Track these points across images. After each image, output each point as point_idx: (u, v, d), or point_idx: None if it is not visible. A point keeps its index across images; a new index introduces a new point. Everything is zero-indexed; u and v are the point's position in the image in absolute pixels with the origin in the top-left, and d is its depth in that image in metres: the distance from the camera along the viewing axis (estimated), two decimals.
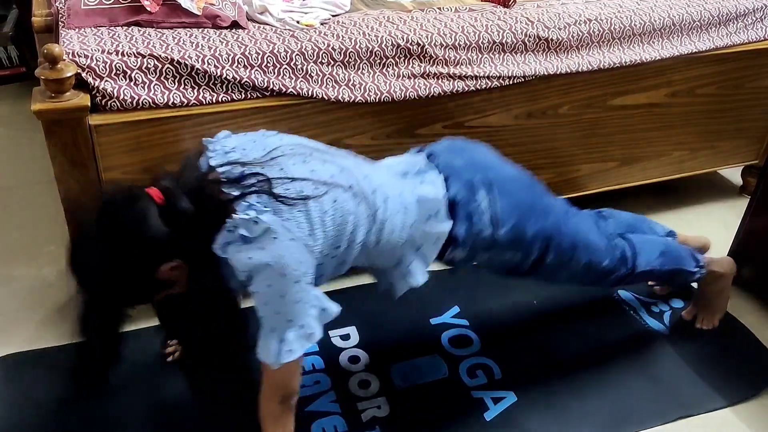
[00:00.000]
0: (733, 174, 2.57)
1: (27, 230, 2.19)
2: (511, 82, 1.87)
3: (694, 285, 1.92)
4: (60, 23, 1.69)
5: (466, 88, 1.83)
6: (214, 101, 1.64)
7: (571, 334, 1.86)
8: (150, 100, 1.58)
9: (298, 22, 1.78)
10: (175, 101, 1.60)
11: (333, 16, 1.85)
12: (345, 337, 1.81)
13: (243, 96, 1.66)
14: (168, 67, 1.58)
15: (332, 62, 1.71)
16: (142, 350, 1.73)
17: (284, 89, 1.67)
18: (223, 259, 1.21)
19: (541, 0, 2.04)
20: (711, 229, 2.28)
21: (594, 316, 1.92)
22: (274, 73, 1.67)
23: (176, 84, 1.60)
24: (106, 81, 1.55)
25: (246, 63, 1.64)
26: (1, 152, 2.57)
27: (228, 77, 1.62)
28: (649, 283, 2.04)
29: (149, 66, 1.57)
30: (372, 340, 1.81)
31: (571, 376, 1.73)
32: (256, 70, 1.65)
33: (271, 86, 1.66)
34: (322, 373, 1.71)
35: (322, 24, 1.79)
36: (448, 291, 1.98)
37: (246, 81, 1.64)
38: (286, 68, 1.67)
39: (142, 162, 1.61)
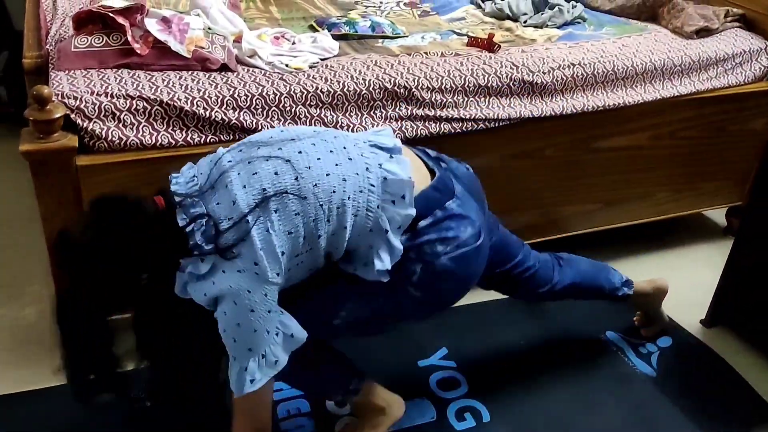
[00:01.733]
0: (718, 215, 2.59)
1: (10, 269, 2.16)
2: (496, 125, 1.89)
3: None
4: (50, 65, 1.70)
5: (453, 131, 1.85)
6: (202, 142, 1.65)
7: (559, 375, 1.85)
8: (138, 141, 1.59)
9: (287, 65, 1.80)
10: (163, 142, 1.61)
11: (321, 60, 1.88)
12: None
13: (231, 137, 1.67)
14: (157, 109, 1.60)
15: (320, 104, 1.73)
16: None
17: None
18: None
19: (526, 45, 2.09)
20: (697, 269, 2.30)
21: (582, 358, 1.91)
22: (263, 115, 1.68)
23: (165, 125, 1.61)
24: (95, 122, 1.56)
25: (235, 105, 1.65)
26: None
27: (217, 119, 1.64)
28: (635, 322, 2.04)
29: (138, 107, 1.58)
30: None
31: (560, 418, 1.72)
32: (245, 112, 1.66)
33: (260, 128, 1.67)
34: (306, 417, 1.68)
35: (310, 67, 1.82)
36: (436, 333, 1.96)
37: (234, 123, 1.65)
38: (274, 110, 1.69)
39: None
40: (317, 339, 1.35)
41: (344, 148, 1.32)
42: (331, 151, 1.30)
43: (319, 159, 1.27)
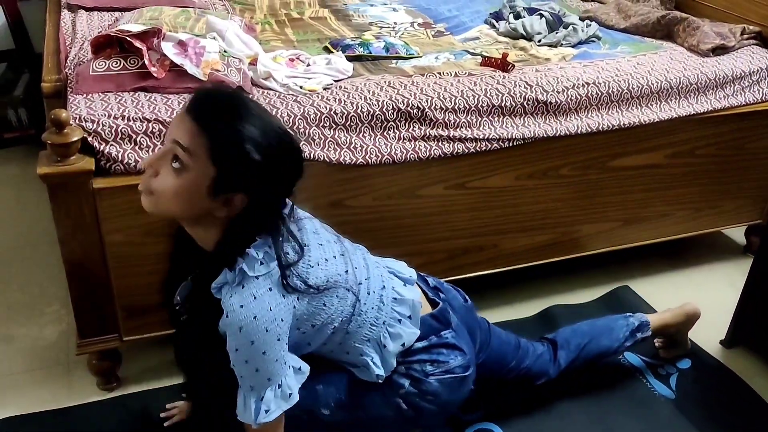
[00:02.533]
0: (737, 233, 2.56)
1: (29, 290, 2.19)
2: (510, 144, 1.89)
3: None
4: (69, 88, 1.73)
5: (466, 150, 1.85)
6: None
7: (578, 397, 1.82)
8: None
9: (301, 87, 1.82)
10: None
11: (335, 81, 1.89)
12: None
13: None
14: None
15: (334, 125, 1.74)
16: (142, 413, 1.71)
17: None
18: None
19: (540, 64, 2.08)
20: (716, 289, 2.27)
21: (600, 380, 1.88)
22: None
23: None
24: (111, 145, 1.58)
25: None
26: (7, 213, 2.59)
27: None
28: (656, 344, 2.01)
29: (154, 130, 1.60)
30: None
31: None
32: None
33: None
34: None
35: (324, 89, 1.83)
36: None
37: None
38: None
39: (144, 225, 1.62)
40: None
41: (370, 266, 1.43)
42: (364, 267, 1.41)
43: (356, 268, 1.37)
